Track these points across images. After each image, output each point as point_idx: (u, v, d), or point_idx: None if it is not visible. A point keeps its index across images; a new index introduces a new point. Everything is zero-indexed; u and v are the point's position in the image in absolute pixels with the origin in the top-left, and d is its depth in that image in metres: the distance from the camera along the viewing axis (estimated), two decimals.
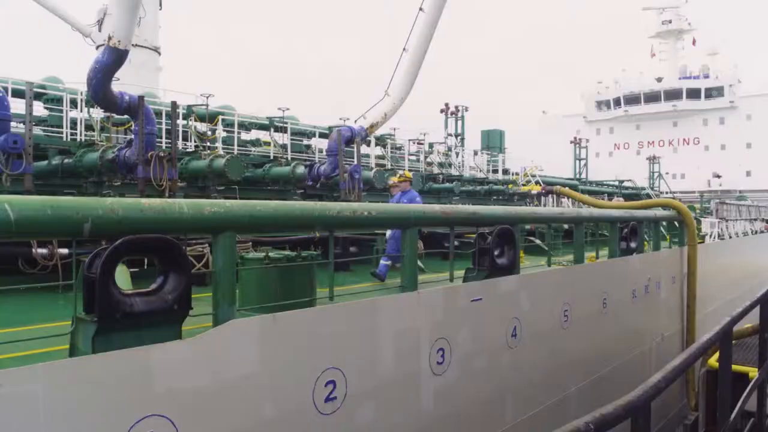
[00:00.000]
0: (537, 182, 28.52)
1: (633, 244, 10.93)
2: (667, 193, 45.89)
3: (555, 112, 66.22)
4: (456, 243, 8.06)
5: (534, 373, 7.66)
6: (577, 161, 45.65)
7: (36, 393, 3.31)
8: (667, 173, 51.21)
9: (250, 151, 17.96)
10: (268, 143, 19.04)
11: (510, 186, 25.13)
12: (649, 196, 37.22)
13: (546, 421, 7.58)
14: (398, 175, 10.98)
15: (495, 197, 23.75)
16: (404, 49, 16.24)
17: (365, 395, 5.20)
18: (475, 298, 6.53)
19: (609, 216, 11.12)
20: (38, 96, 13.91)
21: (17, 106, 10.64)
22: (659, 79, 59.07)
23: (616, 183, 42.17)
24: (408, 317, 5.73)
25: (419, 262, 6.61)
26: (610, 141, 62.23)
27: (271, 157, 16.29)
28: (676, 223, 14.30)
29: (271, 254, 6.22)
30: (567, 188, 27.45)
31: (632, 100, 59.98)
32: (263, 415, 4.41)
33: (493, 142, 36.07)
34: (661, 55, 61.39)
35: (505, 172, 30.48)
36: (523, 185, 27.50)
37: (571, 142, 46.56)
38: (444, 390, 6.07)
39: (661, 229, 14.08)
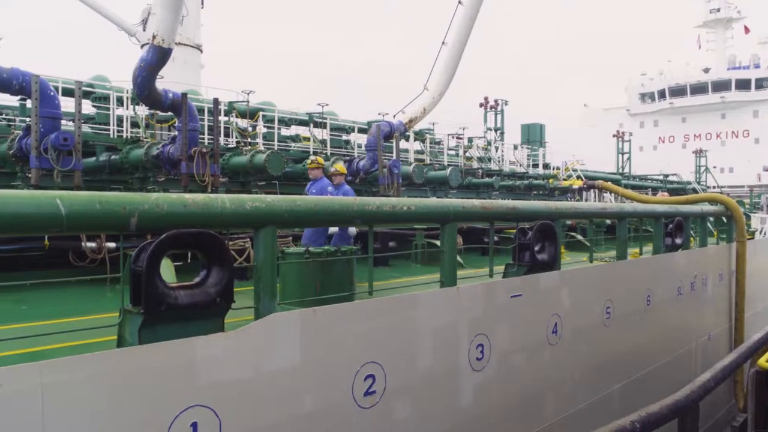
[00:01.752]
0: (578, 177, 28.01)
1: (678, 240, 10.65)
2: (714, 187, 44.57)
3: (596, 105, 64.92)
4: (495, 238, 7.99)
5: (575, 371, 7.56)
6: (620, 155, 44.66)
7: (85, 382, 3.42)
8: (714, 167, 49.69)
9: (290, 146, 18.12)
10: (307, 139, 19.18)
11: (550, 181, 24.78)
12: (695, 191, 36.27)
13: (587, 420, 7.47)
14: (311, 161, 9.54)
15: (535, 192, 23.46)
16: (443, 43, 16.15)
17: (404, 390, 5.21)
18: (515, 294, 6.47)
19: (653, 211, 10.87)
20: (86, 95, 14.30)
21: (67, 104, 10.96)
22: (706, 70, 57.30)
23: (661, 177, 41.16)
24: (447, 312, 5.71)
25: (458, 258, 6.57)
26: (655, 134, 60.69)
27: (311, 153, 16.42)
28: (723, 218, 13.89)
29: (311, 249, 6.27)
30: (609, 183, 26.88)
31: (678, 91, 58.33)
32: (303, 407, 4.46)
33: (533, 136, 35.56)
34: (709, 45, 59.52)
35: (546, 166, 30.03)
36: (564, 180, 27.07)
37: (614, 136, 45.55)
38: (483, 386, 6.04)
39: (708, 224, 13.67)
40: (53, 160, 8.70)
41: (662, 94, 59.54)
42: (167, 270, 6.25)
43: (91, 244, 7.63)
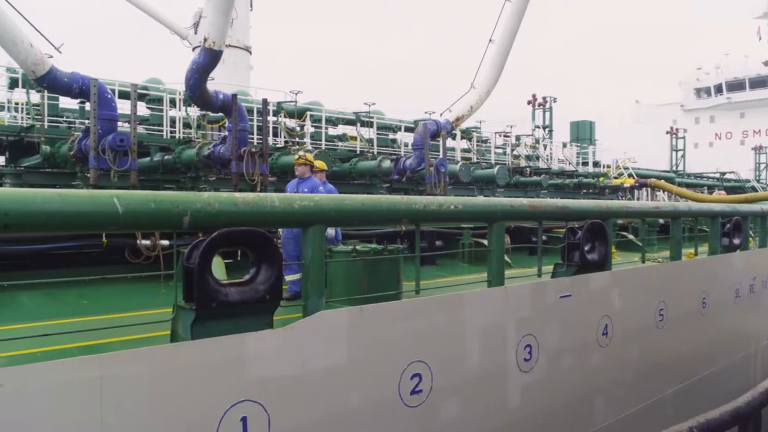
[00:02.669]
0: (630, 175, 27.34)
1: (736, 241, 10.27)
2: None
3: (649, 102, 63.12)
4: (544, 237, 7.88)
5: (626, 374, 7.38)
6: (674, 152, 43.38)
7: (141, 375, 3.54)
8: None
9: (337, 145, 18.28)
10: (354, 138, 19.31)
11: (601, 179, 24.24)
12: (754, 189, 34.90)
13: (639, 425, 7.29)
14: (298, 156, 8.64)
15: (585, 191, 22.99)
16: (490, 40, 15.99)
17: (451, 389, 5.19)
18: (564, 294, 6.37)
19: (709, 210, 10.51)
20: (141, 97, 14.74)
21: (123, 106, 11.33)
22: (767, 63, 55.01)
23: (717, 175, 39.73)
24: (495, 312, 5.66)
25: (506, 257, 6.50)
26: (711, 130, 58.57)
27: (358, 152, 16.51)
28: None
29: (358, 247, 6.31)
30: (662, 181, 26.20)
31: (736, 86, 56.12)
32: (350, 404, 4.50)
33: (582, 133, 34.88)
34: None
35: (596, 164, 29.41)
36: (615, 178, 26.47)
37: (667, 133, 44.26)
38: (531, 387, 5.96)
39: None
40: (110, 160, 8.99)
41: (719, 89, 57.41)
42: (218, 267, 6.40)
43: (146, 242, 7.87)
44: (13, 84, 13.40)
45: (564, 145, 28.57)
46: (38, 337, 4.28)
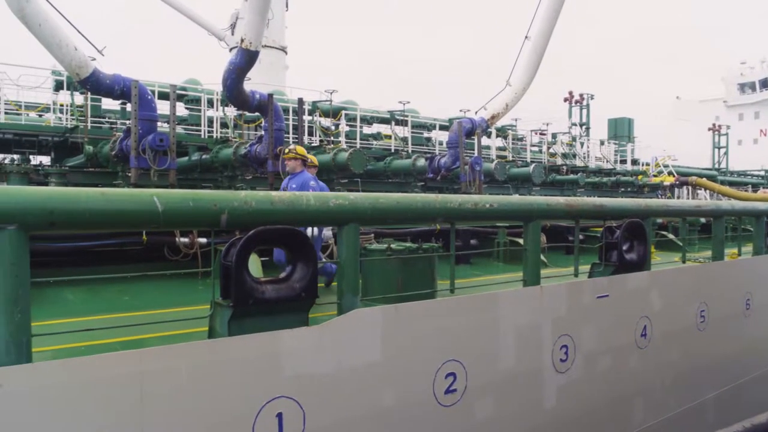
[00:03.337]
0: (670, 173, 26.74)
1: None
2: None
3: (690, 98, 61.55)
4: (581, 237, 7.76)
5: (666, 376, 7.23)
6: (716, 150, 42.23)
7: (180, 370, 3.61)
8: None
9: (372, 144, 18.35)
10: (389, 136, 19.34)
11: (640, 177, 23.78)
12: None
13: (679, 429, 7.14)
14: (287, 150, 7.80)
15: (623, 189, 22.60)
16: (526, 36, 15.80)
17: (486, 389, 5.16)
18: (602, 294, 6.28)
19: (754, 209, 10.20)
20: (180, 97, 15.01)
21: (162, 107, 11.56)
22: None
23: (762, 173, 38.55)
24: (530, 312, 5.61)
25: (542, 256, 6.44)
26: (755, 127, 56.78)
27: (393, 150, 16.54)
28: None
29: (392, 246, 6.31)
30: (704, 179, 25.59)
31: None
32: (385, 402, 4.52)
33: (620, 131, 34.24)
34: None
35: (635, 162, 28.86)
36: (655, 176, 25.93)
37: (709, 129, 43.11)
38: (567, 388, 5.89)
39: None
40: (150, 159, 9.19)
41: (764, 84, 55.65)
42: (254, 265, 6.48)
43: (184, 240, 8.02)
44: (58, 86, 13.80)
45: (601, 143, 28.11)
46: (81, 332, 4.40)
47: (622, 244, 6.59)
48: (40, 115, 14.18)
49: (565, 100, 34.89)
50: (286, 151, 7.72)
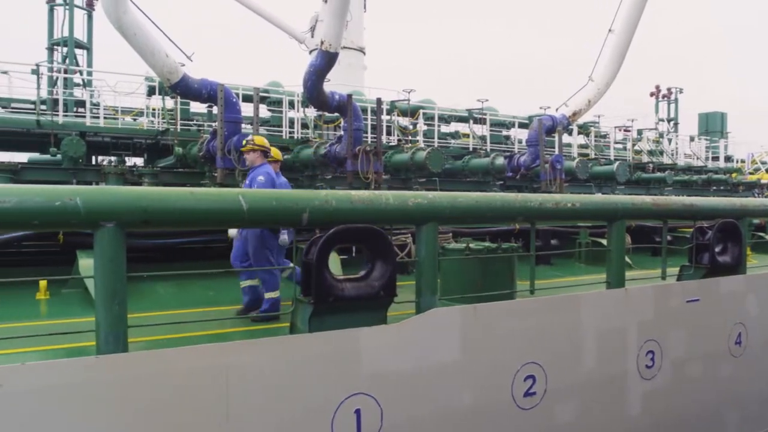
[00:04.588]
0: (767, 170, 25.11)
1: None
2: None
3: None
4: (669, 238, 7.44)
5: (763, 387, 6.81)
6: None
7: (263, 364, 3.73)
8: None
9: (450, 143, 18.24)
10: (467, 135, 19.17)
11: (734, 175, 22.46)
12: None
13: None
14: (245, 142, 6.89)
15: (715, 188, 21.41)
16: (610, 30, 15.26)
17: (566, 393, 5.04)
18: (692, 298, 5.99)
19: None
20: (262, 99, 15.45)
21: (246, 109, 11.95)
22: None
23: None
24: (614, 315, 5.43)
25: (627, 258, 6.21)
26: None
27: (471, 149, 16.38)
28: None
29: (471, 245, 6.27)
30: None
31: None
32: (462, 402, 4.49)
33: (712, 126, 32.43)
34: None
35: (728, 159, 27.28)
36: (751, 174, 24.44)
37: None
38: (653, 396, 5.66)
39: None
40: (235, 160, 9.51)
41: None
42: (334, 263, 6.59)
43: None
44: (150, 92, 14.54)
45: (691, 139, 26.74)
46: (171, 325, 4.62)
47: (714, 246, 6.26)
48: (135, 119, 14.98)
49: (652, 94, 33.46)
50: (244, 142, 6.95)
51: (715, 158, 26.56)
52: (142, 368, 3.40)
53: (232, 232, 6.04)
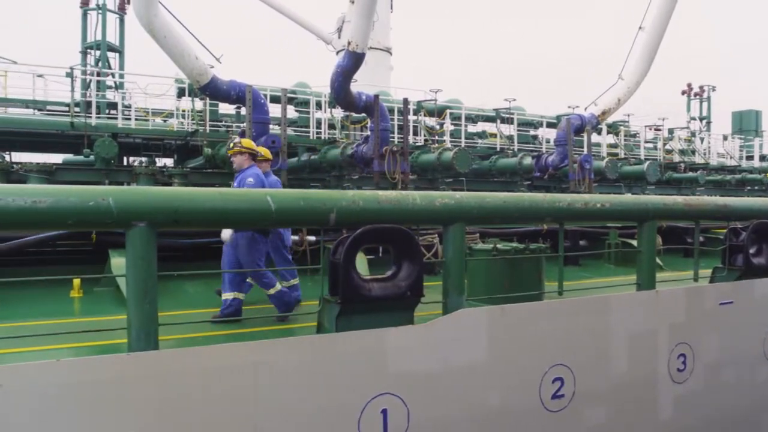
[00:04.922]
0: None
1: None
2: None
3: None
4: (701, 239, 7.29)
5: None
6: None
7: (290, 363, 3.76)
8: None
9: (477, 143, 18.15)
10: (494, 135, 19.05)
11: None
12: None
13: None
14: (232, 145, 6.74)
15: (749, 188, 20.93)
16: (640, 27, 15.02)
17: (595, 396, 4.98)
18: (725, 301, 5.87)
19: None
20: (290, 100, 15.57)
21: (274, 109, 12.05)
22: None
23: None
24: (644, 317, 5.35)
25: (657, 259, 6.11)
26: None
27: (498, 149, 16.28)
28: None
29: (498, 246, 6.23)
30: None
31: None
32: (489, 403, 4.47)
33: (747, 124, 31.71)
34: None
35: (763, 158, 26.65)
36: None
37: None
38: (685, 400, 5.56)
39: None
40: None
41: None
42: (361, 263, 6.60)
43: (294, 237, 8.31)
44: (180, 93, 14.75)
45: (725, 138, 26.18)
46: (200, 323, 4.69)
47: (748, 247, 6.12)
48: (165, 121, 15.21)
49: (683, 93, 32.86)
50: (231, 145, 6.83)
51: (750, 157, 25.97)
52: (172, 365, 3.46)
53: (225, 235, 5.90)
